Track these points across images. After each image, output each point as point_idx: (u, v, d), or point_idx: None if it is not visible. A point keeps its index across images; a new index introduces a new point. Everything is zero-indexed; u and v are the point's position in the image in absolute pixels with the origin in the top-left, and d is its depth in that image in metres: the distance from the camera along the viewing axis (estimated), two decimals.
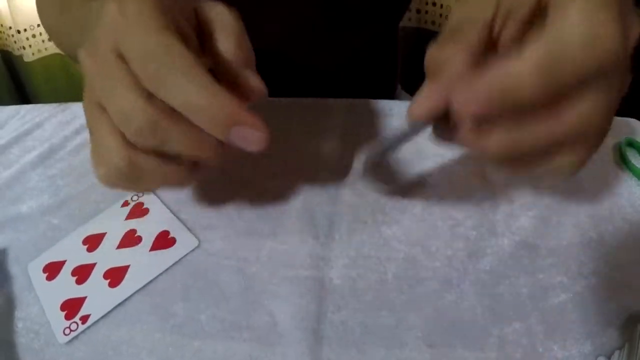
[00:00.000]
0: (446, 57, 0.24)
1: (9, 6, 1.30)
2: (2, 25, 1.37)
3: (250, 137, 0.25)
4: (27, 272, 0.33)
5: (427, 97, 0.25)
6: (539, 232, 0.34)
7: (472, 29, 0.25)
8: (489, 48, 0.25)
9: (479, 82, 0.22)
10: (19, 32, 1.34)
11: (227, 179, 0.38)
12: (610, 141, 0.42)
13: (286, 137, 0.42)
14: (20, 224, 0.37)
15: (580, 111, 0.22)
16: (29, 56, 1.39)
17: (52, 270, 0.33)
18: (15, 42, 1.39)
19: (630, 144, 0.42)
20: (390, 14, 0.64)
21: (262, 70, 0.30)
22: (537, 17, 0.24)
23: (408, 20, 1.31)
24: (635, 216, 0.36)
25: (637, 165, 0.39)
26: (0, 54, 1.43)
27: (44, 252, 0.34)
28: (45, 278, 0.32)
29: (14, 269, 0.34)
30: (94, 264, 0.32)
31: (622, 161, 0.40)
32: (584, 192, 0.37)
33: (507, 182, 0.37)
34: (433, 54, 0.25)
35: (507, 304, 0.30)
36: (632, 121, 0.45)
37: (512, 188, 0.37)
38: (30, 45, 1.37)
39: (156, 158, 0.25)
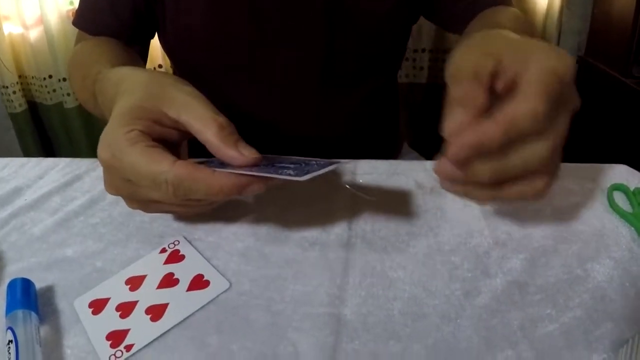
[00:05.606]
0: (469, 90, 0.31)
1: (51, 56, 1.37)
2: (33, 77, 1.46)
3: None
4: (74, 308, 0.37)
5: (462, 118, 0.31)
6: (529, 272, 0.39)
7: (483, 74, 0.31)
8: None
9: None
10: (64, 79, 1.42)
11: (254, 233, 0.44)
12: (598, 186, 0.48)
13: (302, 195, 0.48)
14: (66, 265, 0.41)
15: (558, 121, 0.31)
16: (71, 102, 1.47)
17: (97, 306, 0.37)
18: (49, 92, 1.46)
19: (617, 188, 0.47)
20: (384, 69, 0.70)
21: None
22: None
23: (413, 77, 1.40)
24: (619, 253, 0.41)
25: (623, 208, 0.45)
26: (27, 106, 1.51)
27: (89, 290, 0.39)
28: (91, 312, 0.37)
29: (61, 303, 0.38)
30: (137, 302, 0.37)
31: (610, 204, 0.46)
32: (573, 234, 0.43)
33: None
34: (456, 90, 0.32)
35: (499, 334, 0.34)
36: (619, 166, 0.51)
37: (505, 235, 0.43)
38: (74, 92, 1.46)
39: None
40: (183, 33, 0.62)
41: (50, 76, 1.43)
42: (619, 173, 0.50)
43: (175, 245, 0.42)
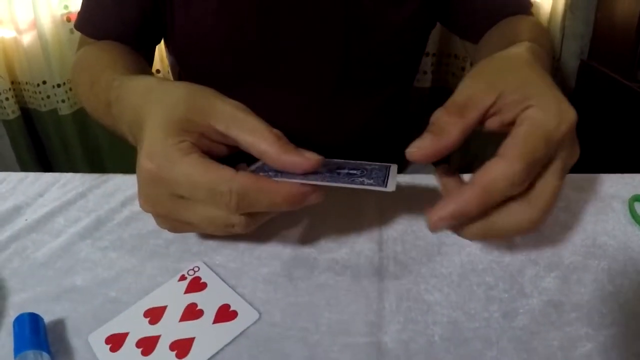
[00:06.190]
0: (449, 123, 0.30)
1: (45, 61, 1.29)
2: (27, 83, 1.37)
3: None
4: (89, 344, 0.33)
5: (428, 148, 0.30)
6: (563, 290, 0.36)
7: (474, 110, 0.31)
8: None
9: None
10: (59, 85, 1.34)
11: (279, 257, 0.39)
12: (618, 197, 0.46)
13: (325, 214, 0.44)
14: (76, 296, 0.36)
15: (545, 182, 0.30)
16: (66, 109, 1.39)
17: (116, 342, 0.33)
18: (43, 98, 1.38)
19: (638, 199, 0.44)
20: (401, 77, 0.66)
21: None
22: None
23: (417, 81, 1.36)
24: None
25: None
26: (21, 113, 1.42)
27: (105, 324, 0.34)
28: (109, 349, 0.32)
29: (74, 340, 0.33)
30: (159, 336, 0.33)
31: (632, 216, 0.43)
32: (599, 248, 0.40)
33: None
34: (440, 116, 0.31)
35: (541, 356, 0.31)
36: (637, 176, 0.49)
37: (536, 252, 0.40)
38: (69, 98, 1.37)
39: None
40: (194, 39, 0.57)
41: (44, 82, 1.34)
42: (638, 182, 0.48)
43: (195, 272, 0.38)
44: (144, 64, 0.56)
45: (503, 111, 0.31)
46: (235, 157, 0.34)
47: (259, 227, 0.36)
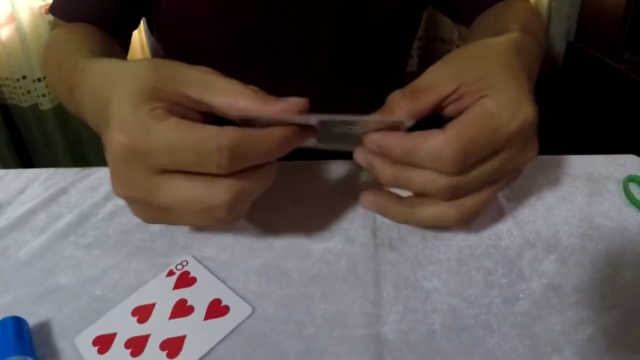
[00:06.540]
0: (399, 106, 0.30)
1: (24, 55, 1.26)
2: (7, 78, 1.33)
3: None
4: (75, 346, 0.31)
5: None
6: (562, 273, 0.35)
7: (430, 96, 0.31)
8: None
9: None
10: (39, 80, 1.30)
11: (271, 247, 0.38)
12: (610, 178, 0.45)
13: (315, 201, 0.42)
14: (60, 296, 0.35)
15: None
16: (47, 104, 1.35)
17: (103, 343, 0.31)
18: (23, 93, 1.35)
19: (632, 179, 0.44)
20: (394, 60, 0.64)
21: None
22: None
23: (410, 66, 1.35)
24: None
25: None
26: (0, 109, 1.38)
27: (91, 324, 0.32)
28: (96, 351, 0.30)
29: (60, 342, 0.31)
30: (148, 336, 0.31)
31: (627, 197, 0.42)
32: (596, 230, 0.39)
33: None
34: (394, 97, 0.31)
35: (543, 341, 0.31)
36: (631, 157, 0.48)
37: (533, 234, 0.38)
38: (49, 92, 1.34)
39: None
40: (181, 20, 0.54)
41: (24, 77, 1.30)
42: (630, 163, 0.47)
43: (183, 266, 0.36)
44: (117, 48, 0.52)
45: (462, 99, 0.30)
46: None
47: (247, 216, 0.34)
